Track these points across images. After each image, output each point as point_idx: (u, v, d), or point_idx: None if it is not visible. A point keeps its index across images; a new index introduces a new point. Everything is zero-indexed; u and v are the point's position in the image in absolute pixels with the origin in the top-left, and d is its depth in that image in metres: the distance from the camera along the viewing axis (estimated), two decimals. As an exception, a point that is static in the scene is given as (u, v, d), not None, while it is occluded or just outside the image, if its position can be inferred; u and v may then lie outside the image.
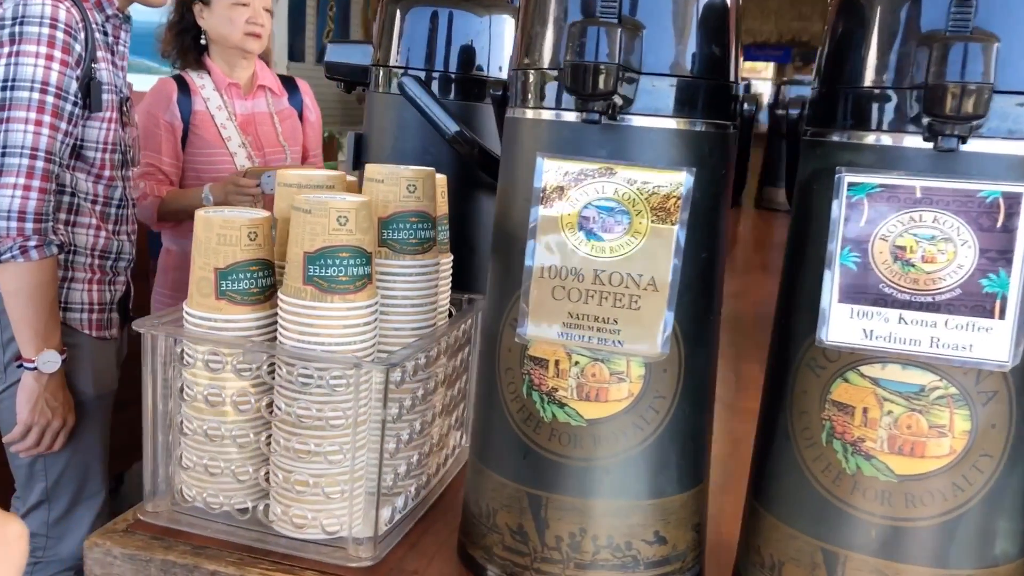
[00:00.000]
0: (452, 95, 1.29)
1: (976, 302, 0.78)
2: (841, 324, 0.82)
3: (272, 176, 2.15)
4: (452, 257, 1.16)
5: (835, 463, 0.84)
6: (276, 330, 1.02)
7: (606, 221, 0.86)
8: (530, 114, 0.92)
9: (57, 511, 2.13)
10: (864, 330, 0.81)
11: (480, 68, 1.30)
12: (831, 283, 0.82)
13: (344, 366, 0.94)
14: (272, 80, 2.53)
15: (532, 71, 0.90)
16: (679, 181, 0.85)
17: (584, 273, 0.87)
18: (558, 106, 0.88)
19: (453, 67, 1.29)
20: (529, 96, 0.91)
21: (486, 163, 1.27)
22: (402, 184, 1.06)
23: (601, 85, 0.78)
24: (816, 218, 0.86)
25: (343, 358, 0.94)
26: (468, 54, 1.29)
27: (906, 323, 0.80)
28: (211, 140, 2.36)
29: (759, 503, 0.92)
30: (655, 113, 0.86)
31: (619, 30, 0.78)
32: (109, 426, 2.24)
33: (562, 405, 0.90)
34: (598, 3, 0.84)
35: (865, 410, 0.83)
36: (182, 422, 1.01)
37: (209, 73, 2.42)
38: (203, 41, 2.41)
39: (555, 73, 0.88)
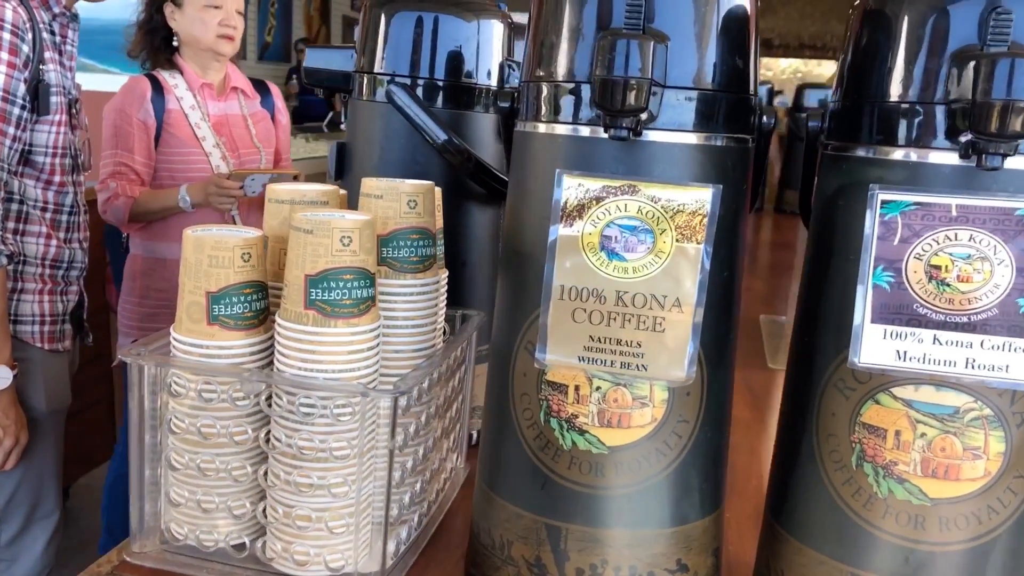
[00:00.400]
0: (440, 103, 1.25)
1: (1013, 322, 0.76)
2: (874, 345, 0.80)
3: (256, 179, 2.08)
4: (447, 273, 1.12)
5: (866, 487, 0.82)
6: (271, 356, 0.96)
7: (629, 240, 0.83)
8: (544, 128, 0.88)
9: (10, 532, 2.04)
10: (898, 351, 0.79)
11: (469, 75, 1.25)
12: (864, 303, 0.80)
13: (350, 394, 0.89)
14: (244, 82, 2.46)
15: (547, 83, 0.86)
16: (704, 198, 0.81)
17: (606, 295, 0.84)
18: (577, 120, 0.84)
19: (441, 74, 1.24)
20: (544, 109, 0.87)
21: (477, 173, 1.22)
22: (402, 200, 1.01)
23: (632, 101, 0.75)
24: (841, 234, 0.84)
25: (350, 386, 0.89)
26: (457, 61, 1.24)
27: (941, 344, 0.78)
28: (185, 139, 2.28)
29: (782, 526, 0.90)
30: (678, 128, 0.82)
31: (651, 43, 0.74)
32: (63, 442, 2.15)
33: (582, 432, 0.86)
34: (622, 13, 0.81)
35: (897, 433, 0.81)
36: (171, 456, 0.95)
37: (181, 73, 2.34)
38: (174, 42, 2.33)
39: (573, 86, 0.84)
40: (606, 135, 0.82)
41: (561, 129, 0.85)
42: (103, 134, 2.28)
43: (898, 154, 0.79)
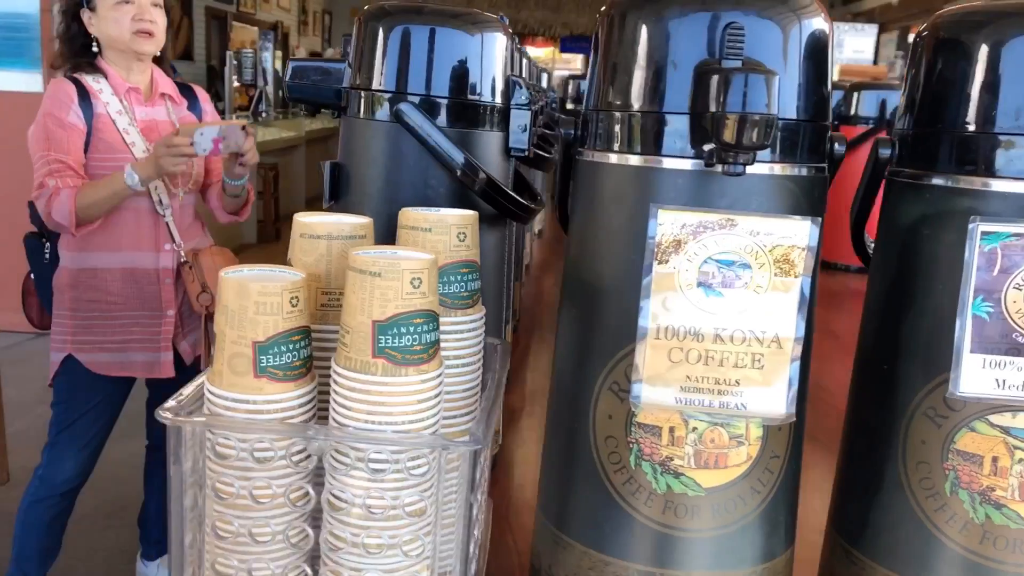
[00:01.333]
0: (445, 121, 1.18)
1: (1109, 348, 0.78)
2: (973, 375, 0.80)
3: (205, 133, 1.90)
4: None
5: (961, 513, 0.83)
6: (317, 406, 0.89)
7: (726, 276, 0.80)
8: (626, 159, 0.84)
9: None
10: (997, 380, 0.80)
11: (474, 91, 1.19)
12: (963, 334, 0.80)
13: (429, 448, 0.83)
14: (171, 88, 2.29)
15: (629, 113, 0.82)
16: (803, 231, 0.80)
17: (704, 332, 0.81)
18: (665, 152, 0.81)
19: (445, 91, 1.18)
20: (625, 140, 0.83)
21: (489, 193, 1.17)
22: (452, 232, 0.95)
23: (755, 137, 0.72)
24: (924, 264, 0.84)
25: (434, 440, 0.83)
26: (460, 76, 1.18)
27: (1039, 372, 0.79)
28: (115, 144, 2.11)
29: (863, 553, 0.89)
30: (774, 160, 0.80)
31: (776, 78, 0.71)
32: None
33: (678, 475, 0.83)
34: (715, 43, 0.78)
35: (995, 459, 0.81)
36: (215, 523, 0.86)
37: (106, 77, 2.17)
38: (94, 48, 2.15)
39: (663, 117, 0.80)
40: (702, 167, 0.79)
41: (651, 161, 0.82)
42: (30, 140, 2.09)
43: (996, 185, 0.79)
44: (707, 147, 0.78)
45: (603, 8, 0.88)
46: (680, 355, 0.81)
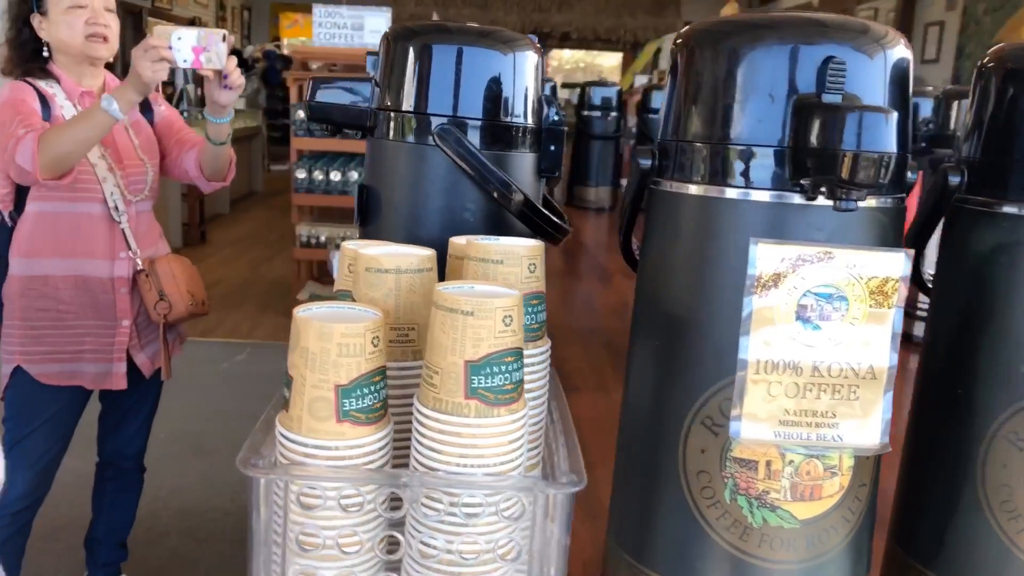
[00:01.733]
0: (478, 142, 1.15)
1: None
2: (1060, 400, 0.82)
3: (184, 38, 1.79)
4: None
5: (1044, 534, 0.85)
6: (391, 448, 0.86)
7: (824, 308, 0.80)
8: (703, 191, 0.83)
9: None
10: (1083, 404, 0.82)
11: (508, 112, 1.17)
12: (1051, 360, 0.81)
13: (526, 490, 0.81)
14: None
15: (725, 146, 0.81)
16: (898, 263, 0.80)
17: (802, 366, 0.81)
18: (757, 185, 0.80)
19: (478, 111, 1.15)
20: (715, 172, 0.82)
21: (531, 216, 1.15)
22: (524, 263, 0.92)
23: (872, 175, 0.72)
24: (1001, 291, 0.86)
25: (537, 483, 0.81)
26: (493, 97, 1.15)
27: (1123, 395, 0.81)
28: None
29: (940, 574, 0.91)
30: (871, 193, 0.80)
31: (894, 117, 0.71)
32: None
33: (774, 508, 0.83)
34: (810, 75, 0.78)
35: (1077, 481, 0.83)
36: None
37: (58, 81, 2.07)
38: (45, 53, 2.05)
39: (759, 150, 0.80)
40: (798, 200, 0.79)
41: (746, 194, 0.81)
42: None
43: (1080, 214, 0.81)
44: (805, 181, 0.78)
45: (683, 36, 0.87)
46: (779, 389, 0.80)
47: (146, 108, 2.33)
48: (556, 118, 1.21)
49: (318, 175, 5.82)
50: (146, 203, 2.26)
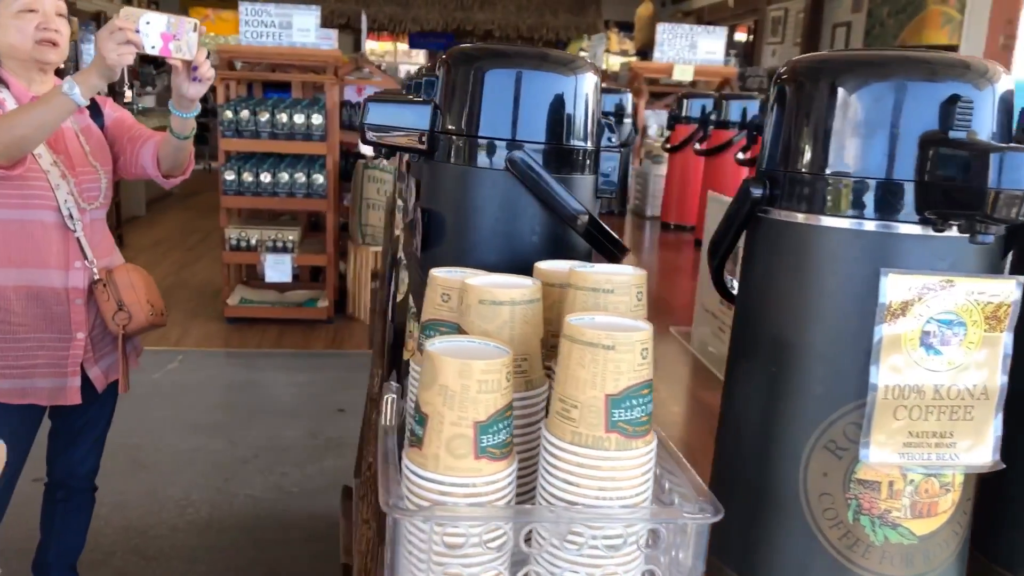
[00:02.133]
0: (543, 167, 1.15)
1: None
2: None
3: (153, 23, 1.71)
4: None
5: None
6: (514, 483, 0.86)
7: (945, 334, 0.84)
8: (826, 221, 0.85)
9: None
10: None
11: (570, 135, 1.17)
12: None
13: (666, 522, 0.82)
14: None
15: (851, 178, 0.84)
16: (1012, 289, 0.84)
17: (924, 390, 0.84)
18: (895, 217, 0.83)
19: (540, 135, 1.15)
20: (832, 202, 0.85)
21: (596, 236, 1.16)
22: (632, 292, 0.93)
23: (1014, 212, 0.75)
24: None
25: (679, 512, 0.82)
26: (556, 119, 1.16)
27: None
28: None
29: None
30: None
31: (1035, 153, 0.75)
32: None
33: (895, 526, 0.86)
34: (931, 112, 0.81)
35: None
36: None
37: (7, 87, 1.98)
38: None
39: (885, 183, 0.82)
40: (922, 231, 0.82)
41: (872, 225, 0.84)
42: None
43: None
44: (933, 213, 0.81)
45: (795, 70, 0.89)
46: (904, 413, 0.84)
47: (96, 113, 2.26)
48: (613, 141, 1.22)
49: (247, 176, 5.69)
50: (100, 211, 2.19)
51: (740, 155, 2.85)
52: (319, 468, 4.37)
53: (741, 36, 11.22)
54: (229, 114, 5.60)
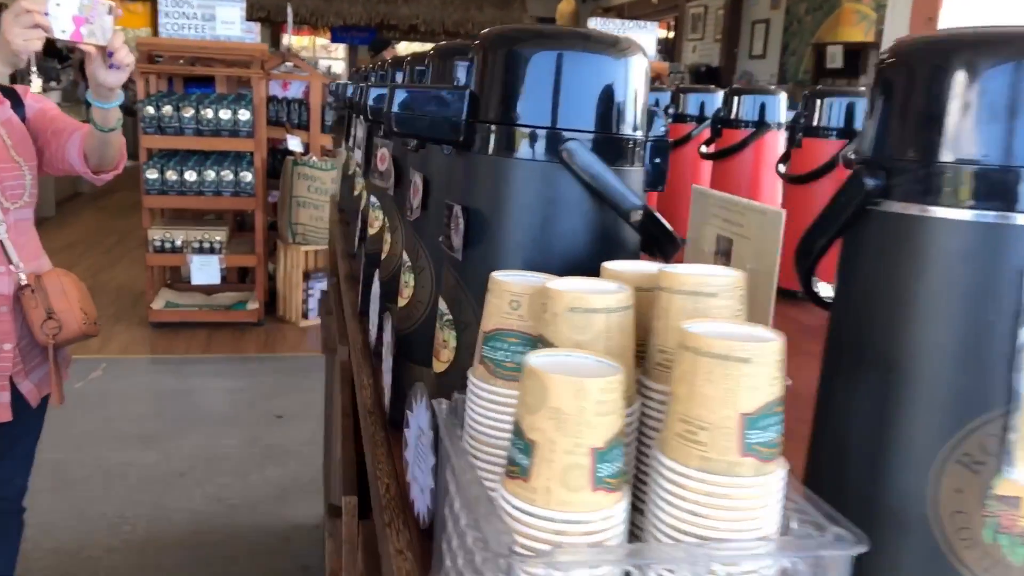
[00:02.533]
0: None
1: None
2: None
3: (63, 5, 1.53)
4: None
5: None
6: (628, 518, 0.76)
7: (1088, 336, 0.77)
8: (956, 214, 0.78)
9: None
10: None
11: (621, 124, 1.07)
12: None
13: (808, 555, 0.73)
14: None
15: (992, 168, 0.76)
16: None
17: (1068, 397, 0.77)
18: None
19: (591, 124, 1.05)
20: (971, 193, 0.77)
21: (651, 229, 1.06)
22: (736, 295, 0.84)
23: None
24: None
25: (831, 544, 0.73)
26: (606, 107, 1.06)
27: None
28: None
29: None
30: None
31: None
32: None
33: (1035, 545, 0.79)
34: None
35: None
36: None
37: None
38: None
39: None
40: (1069, 224, 0.75)
41: (1010, 218, 0.76)
42: None
43: None
44: (1084, 204, 0.74)
45: (908, 50, 0.81)
46: (1048, 422, 0.77)
47: (17, 104, 2.08)
48: (663, 130, 1.12)
49: (171, 175, 5.43)
50: (25, 210, 2.01)
51: (704, 148, 2.80)
52: (261, 478, 4.18)
53: (662, 33, 11.32)
54: (151, 110, 5.33)
